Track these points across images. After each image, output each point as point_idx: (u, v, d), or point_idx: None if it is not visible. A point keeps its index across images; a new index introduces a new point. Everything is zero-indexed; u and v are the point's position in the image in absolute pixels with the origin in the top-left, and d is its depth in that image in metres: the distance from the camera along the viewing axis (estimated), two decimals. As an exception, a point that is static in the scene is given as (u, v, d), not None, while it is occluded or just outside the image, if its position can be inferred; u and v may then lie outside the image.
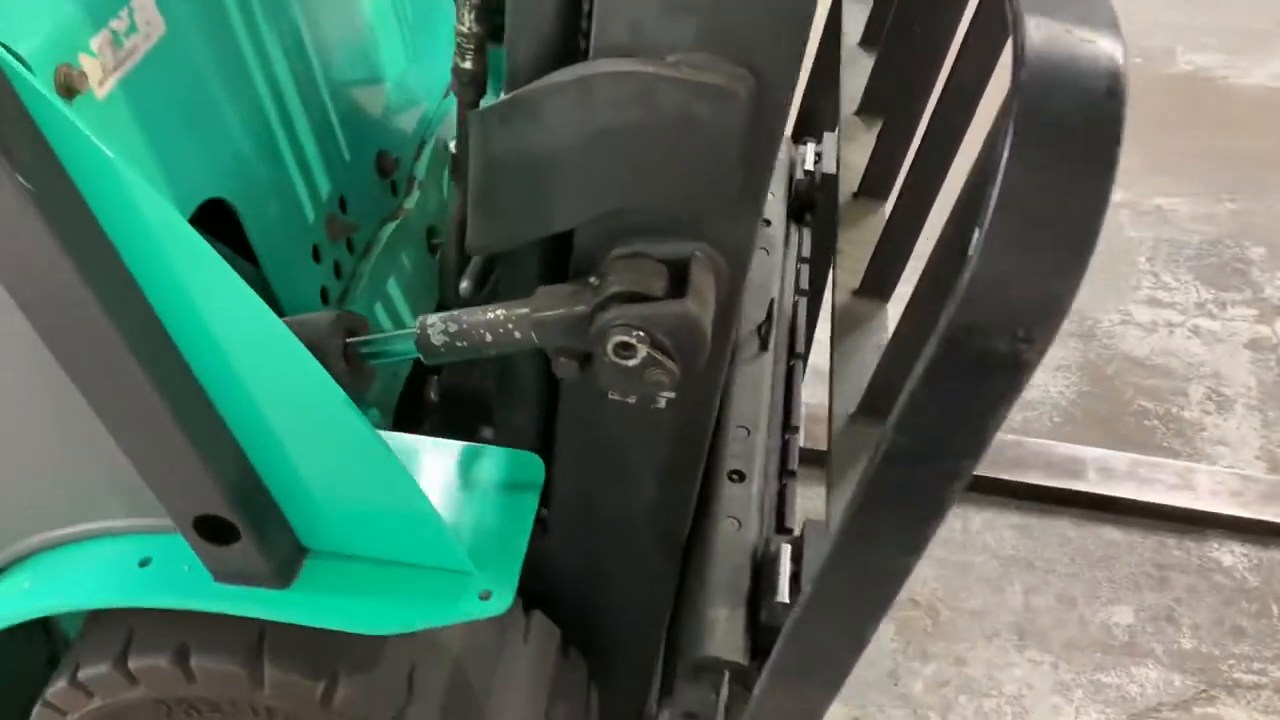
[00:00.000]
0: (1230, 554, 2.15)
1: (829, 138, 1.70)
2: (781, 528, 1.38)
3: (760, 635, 1.19)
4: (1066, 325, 2.47)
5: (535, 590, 1.36)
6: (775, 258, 1.69)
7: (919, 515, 0.85)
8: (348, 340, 1.11)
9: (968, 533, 2.17)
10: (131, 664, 1.15)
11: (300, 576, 1.07)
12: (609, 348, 0.96)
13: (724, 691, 1.22)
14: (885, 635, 1.99)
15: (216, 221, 1.12)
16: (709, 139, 0.89)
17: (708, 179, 0.92)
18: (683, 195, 0.94)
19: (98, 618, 1.21)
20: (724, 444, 1.39)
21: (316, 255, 1.25)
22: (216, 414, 0.96)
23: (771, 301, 1.56)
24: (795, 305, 1.66)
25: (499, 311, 1.05)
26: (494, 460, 1.19)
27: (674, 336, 0.95)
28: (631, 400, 1.15)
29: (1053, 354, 2.47)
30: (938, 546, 2.08)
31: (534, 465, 1.20)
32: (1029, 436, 2.34)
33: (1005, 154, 0.68)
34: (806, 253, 1.72)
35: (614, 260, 1.00)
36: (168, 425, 0.91)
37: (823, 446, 2.21)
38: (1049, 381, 2.49)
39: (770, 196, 1.80)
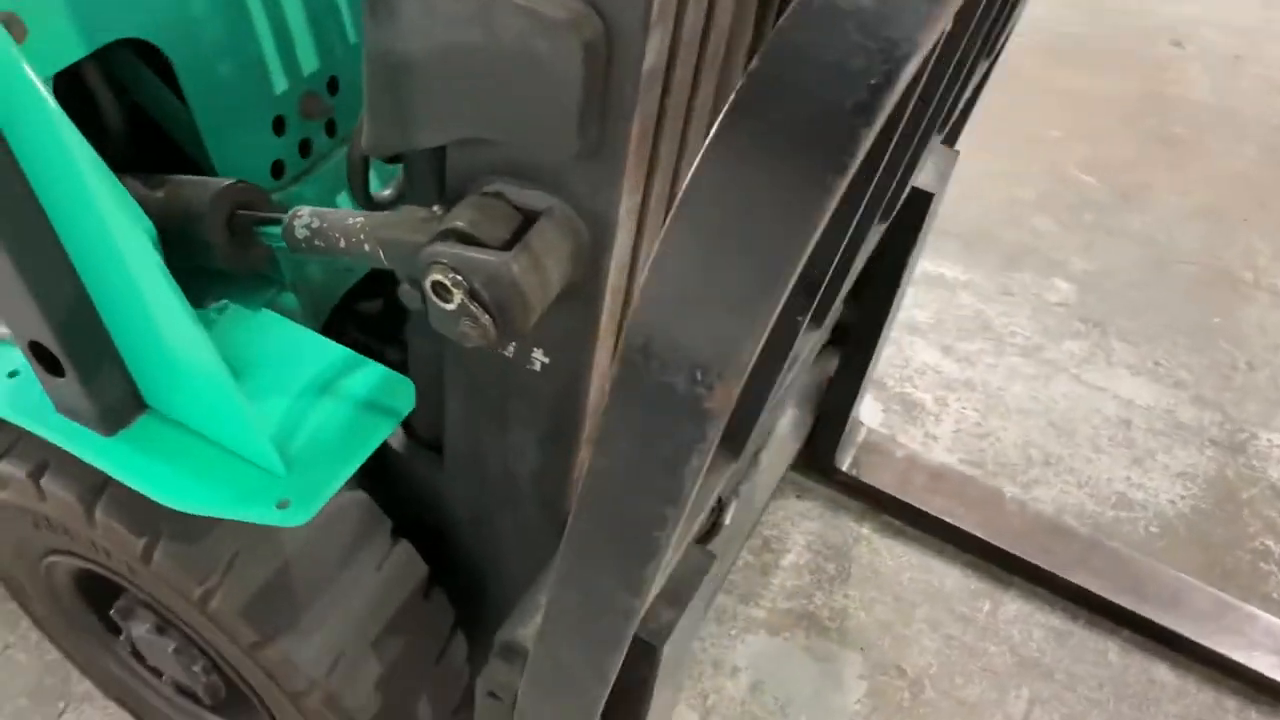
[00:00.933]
0: (1299, 742, 1.82)
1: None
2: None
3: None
4: (1211, 429, 2.13)
5: (420, 523, 1.32)
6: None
7: (629, 550, 0.73)
8: (237, 211, 1.09)
9: (994, 617, 1.94)
10: (2, 466, 1.20)
11: (131, 430, 1.08)
12: (427, 283, 0.89)
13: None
14: (853, 694, 1.82)
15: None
16: (549, 79, 0.79)
17: (550, 124, 0.82)
18: (525, 137, 0.84)
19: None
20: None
21: (279, 127, 1.23)
22: (61, 251, 0.96)
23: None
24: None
25: (359, 219, 0.99)
26: (367, 375, 1.14)
27: (490, 290, 0.87)
28: (509, 354, 1.07)
29: (1179, 456, 2.18)
30: (952, 622, 1.88)
31: (404, 391, 1.14)
32: (1111, 539, 2.05)
33: (702, 150, 0.55)
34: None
35: (472, 195, 0.92)
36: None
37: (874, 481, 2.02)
38: (1161, 486, 2.17)
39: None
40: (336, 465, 1.07)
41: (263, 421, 1.05)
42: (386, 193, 1.16)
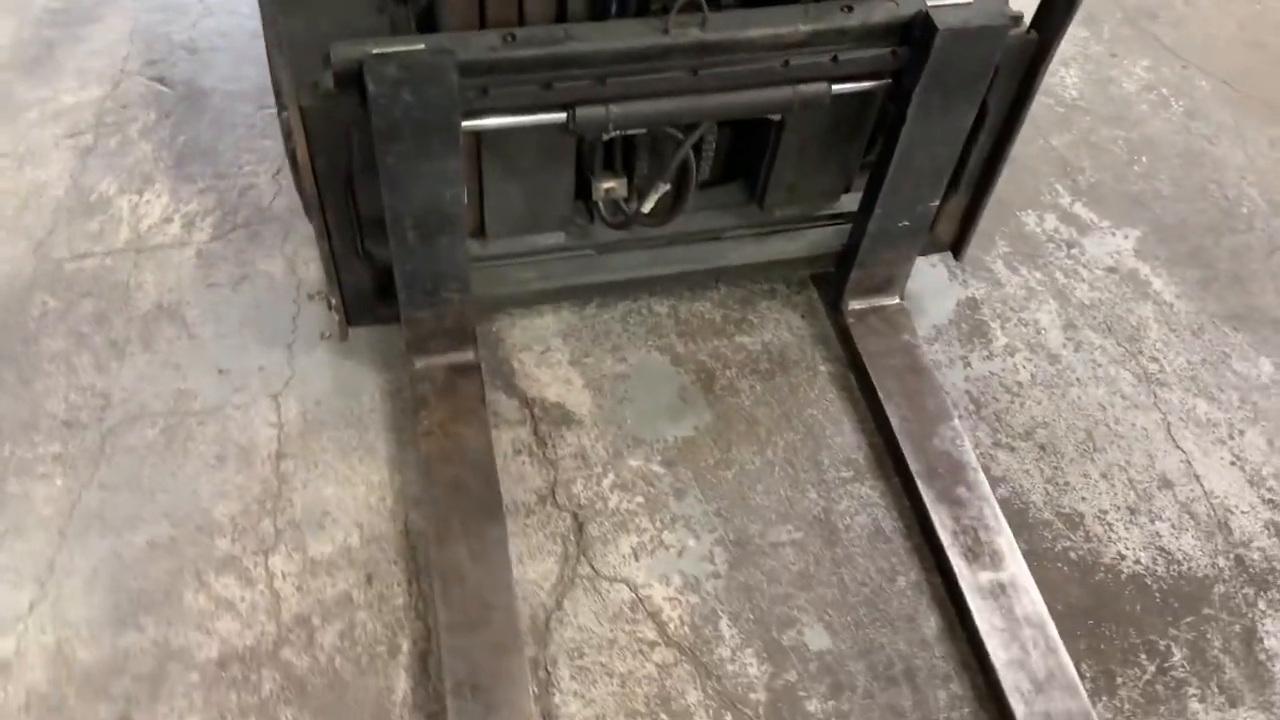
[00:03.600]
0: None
1: None
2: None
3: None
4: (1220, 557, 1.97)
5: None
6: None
7: None
8: None
9: (841, 484, 1.97)
10: None
11: None
12: None
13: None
14: (679, 431, 2.03)
15: None
16: None
17: None
18: None
19: None
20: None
21: None
22: None
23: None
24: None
25: None
26: None
27: None
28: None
29: (1185, 541, 1.95)
30: (804, 464, 2.00)
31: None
32: (1019, 530, 1.93)
33: None
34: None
35: None
36: None
37: (858, 338, 2.13)
38: (1135, 544, 1.93)
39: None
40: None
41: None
42: None
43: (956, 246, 2.20)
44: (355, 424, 2.02)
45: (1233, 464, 2.08)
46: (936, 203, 2.02)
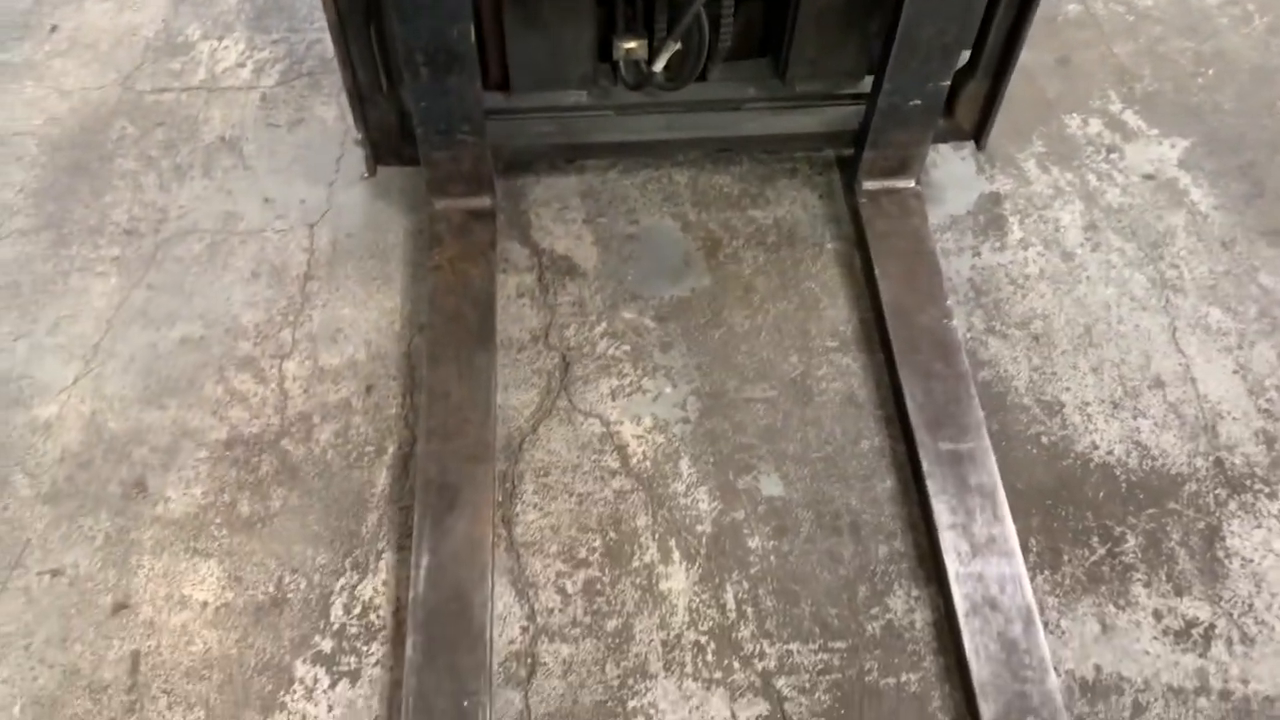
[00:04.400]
0: None
1: None
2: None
3: None
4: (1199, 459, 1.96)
5: None
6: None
7: None
8: None
9: (824, 353, 2.04)
10: None
11: None
12: None
13: None
14: (676, 292, 2.12)
15: None
16: None
17: None
18: None
19: None
20: None
21: None
22: None
23: None
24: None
25: None
26: None
27: None
28: None
29: (1166, 439, 1.96)
30: (793, 331, 2.06)
31: None
32: (992, 414, 1.95)
33: None
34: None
35: None
36: None
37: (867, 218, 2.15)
38: (1110, 437, 1.93)
39: None
40: None
41: None
42: None
43: (978, 134, 2.20)
44: (379, 256, 2.18)
45: (1235, 372, 2.05)
46: (947, 83, 2.02)
